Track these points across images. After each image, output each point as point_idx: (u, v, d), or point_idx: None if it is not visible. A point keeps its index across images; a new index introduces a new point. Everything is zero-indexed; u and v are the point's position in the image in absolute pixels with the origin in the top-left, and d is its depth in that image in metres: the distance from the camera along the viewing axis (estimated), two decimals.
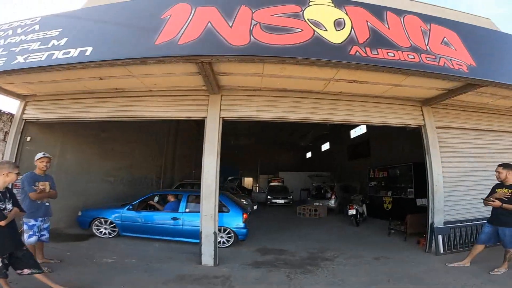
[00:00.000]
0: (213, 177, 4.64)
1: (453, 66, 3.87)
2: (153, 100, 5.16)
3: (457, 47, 4.13)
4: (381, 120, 5.36)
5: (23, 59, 4.02)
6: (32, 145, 5.93)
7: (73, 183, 7.19)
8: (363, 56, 3.54)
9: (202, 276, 3.91)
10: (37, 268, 3.03)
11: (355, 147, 14.46)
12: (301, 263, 4.66)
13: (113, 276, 3.75)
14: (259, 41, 3.49)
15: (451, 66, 3.86)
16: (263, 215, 10.77)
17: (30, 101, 5.67)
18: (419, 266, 4.42)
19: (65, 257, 4.43)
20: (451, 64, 3.87)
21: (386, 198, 9.40)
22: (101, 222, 5.93)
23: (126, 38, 3.88)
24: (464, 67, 3.94)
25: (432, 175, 5.23)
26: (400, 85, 4.59)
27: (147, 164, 10.91)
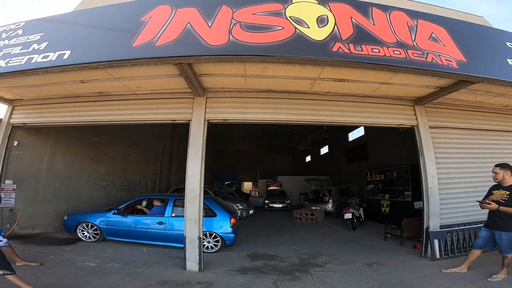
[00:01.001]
0: (197, 181, 4.52)
1: (442, 62, 3.72)
2: (138, 103, 5.09)
3: (446, 43, 3.98)
4: (373, 120, 5.22)
5: (4, 63, 3.99)
6: (20, 150, 5.91)
7: (64, 188, 7.16)
8: (346, 52, 3.42)
9: (184, 282, 3.78)
10: (9, 269, 3.01)
11: (353, 150, 14.27)
12: (291, 270, 4.49)
13: (92, 280, 3.68)
14: (238, 40, 3.40)
15: (439, 62, 3.71)
16: (259, 219, 10.62)
17: (17, 105, 5.63)
18: (414, 272, 4.22)
19: (48, 260, 4.38)
20: (440, 60, 3.73)
21: (384, 201, 9.20)
22: (86, 226, 5.84)
23: (105, 41, 3.82)
24: (454, 63, 3.79)
25: (427, 176, 5.04)
26: (389, 83, 4.46)
27: (142, 169, 10.83)
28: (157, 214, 5.71)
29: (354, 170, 13.67)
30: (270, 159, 26.02)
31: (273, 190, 16.25)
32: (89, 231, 5.81)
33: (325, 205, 11.45)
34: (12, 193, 5.66)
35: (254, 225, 9.19)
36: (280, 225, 9.35)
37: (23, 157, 5.99)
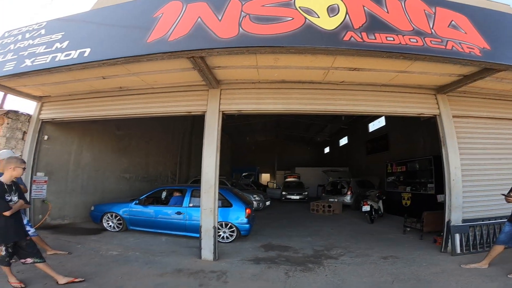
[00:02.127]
0: (213, 172, 4.63)
1: (463, 50, 3.52)
2: (155, 97, 5.25)
3: (468, 30, 3.76)
4: (391, 109, 5.04)
5: (30, 62, 4.27)
6: (50, 143, 6.31)
7: (90, 179, 7.57)
8: (359, 41, 3.32)
9: (199, 270, 3.92)
10: (39, 258, 3.19)
11: (374, 141, 13.86)
12: (303, 261, 4.52)
13: (113, 268, 3.89)
14: (248, 32, 3.41)
15: (460, 49, 3.52)
16: (275, 211, 10.69)
17: (45, 102, 6.01)
18: (430, 267, 4.09)
19: (75, 249, 4.66)
20: (461, 47, 3.53)
21: (405, 194, 8.89)
22: (111, 217, 6.15)
23: (121, 38, 3.98)
24: (477, 51, 3.58)
25: (449, 168, 4.82)
26: (407, 72, 4.27)
27: (162, 161, 11.21)
28: (176, 204, 5.91)
29: (375, 162, 13.31)
30: (288, 151, 25.93)
31: (291, 182, 16.22)
32: (114, 221, 6.12)
33: (343, 197, 11.28)
34: (43, 185, 6.06)
35: (270, 216, 9.27)
36: (296, 217, 9.36)
37: (52, 151, 6.40)
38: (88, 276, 3.50)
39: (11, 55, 4.50)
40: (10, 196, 3.03)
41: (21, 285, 3.12)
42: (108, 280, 3.45)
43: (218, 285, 3.48)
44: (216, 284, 3.49)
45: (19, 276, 3.22)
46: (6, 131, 5.51)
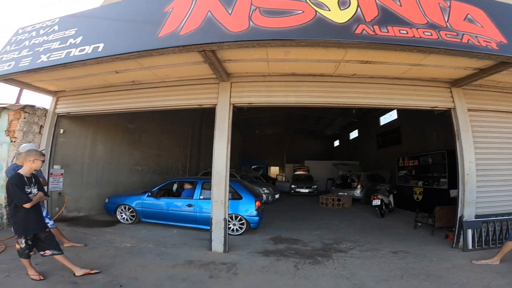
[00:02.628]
0: (224, 163, 4.69)
1: (480, 43, 3.44)
2: (167, 90, 5.31)
3: (484, 24, 3.65)
4: (403, 102, 4.95)
5: (46, 57, 4.37)
6: (65, 137, 6.50)
7: (105, 172, 7.77)
8: (371, 34, 3.26)
9: (209, 262, 4.01)
10: (57, 250, 3.25)
11: (385, 135, 13.64)
12: (312, 254, 4.56)
13: (128, 260, 4.00)
14: (258, 26, 3.39)
15: (476, 43, 3.43)
16: (284, 204, 10.75)
17: (60, 96, 6.17)
18: (441, 263, 4.07)
19: (91, 241, 4.80)
20: (477, 41, 3.44)
21: (416, 188, 8.76)
22: (124, 209, 6.31)
23: (133, 33, 4.03)
24: (493, 44, 3.48)
25: (463, 162, 4.73)
26: (421, 65, 4.18)
27: (173, 153, 11.40)
28: (187, 197, 6.01)
29: (386, 155, 13.14)
30: (297, 144, 25.84)
31: (300, 175, 16.20)
32: (127, 213, 6.27)
33: (353, 191, 11.20)
34: (60, 178, 6.25)
35: (279, 209, 9.34)
36: (305, 210, 9.38)
37: (68, 144, 6.58)
38: (103, 267, 3.60)
39: (27, 51, 4.61)
40: (30, 189, 3.08)
41: (40, 277, 3.18)
42: (123, 271, 3.55)
43: (228, 276, 3.55)
44: (226, 276, 3.56)
45: (38, 268, 3.31)
46: (23, 125, 5.70)
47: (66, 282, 3.12)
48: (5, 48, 4.91)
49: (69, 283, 3.10)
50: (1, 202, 5.49)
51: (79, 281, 3.16)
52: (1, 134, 5.71)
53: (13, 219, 3.08)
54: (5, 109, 5.75)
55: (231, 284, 3.32)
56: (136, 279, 3.32)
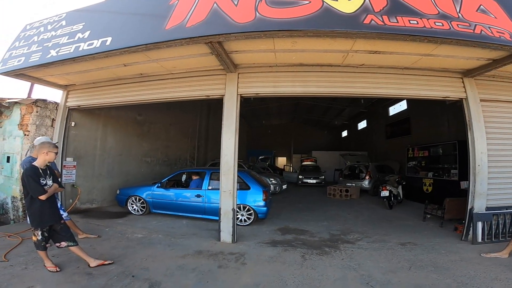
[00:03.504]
0: (232, 153, 4.73)
1: (493, 34, 3.35)
2: (175, 82, 5.34)
3: (498, 15, 3.54)
4: (414, 92, 4.85)
5: (55, 52, 4.43)
6: (77, 130, 6.63)
7: (115, 164, 7.92)
8: (380, 24, 3.19)
9: (218, 252, 4.10)
10: (73, 241, 3.31)
11: (394, 125, 13.41)
12: (320, 245, 4.60)
13: (139, 250, 4.10)
14: (265, 17, 3.35)
15: (489, 34, 3.34)
16: (292, 195, 10.81)
17: (71, 90, 6.26)
18: (449, 255, 4.05)
19: (103, 232, 4.93)
20: (490, 32, 3.35)
21: (426, 179, 8.65)
22: (135, 200, 6.44)
23: (140, 26, 4.03)
24: (507, 35, 3.39)
25: (475, 153, 4.64)
26: (432, 55, 4.09)
27: (181, 145, 11.52)
28: (195, 187, 6.09)
29: (395, 146, 12.95)
30: (304, 134, 25.72)
31: (307, 166, 16.15)
32: (137, 204, 6.41)
33: (361, 182, 11.14)
34: (73, 170, 6.40)
35: (287, 200, 9.40)
36: (313, 201, 9.42)
37: (80, 136, 6.72)
38: (116, 258, 3.69)
39: (36, 47, 4.67)
40: (45, 180, 3.11)
41: (56, 269, 3.25)
42: (134, 262, 3.64)
43: (236, 266, 3.62)
44: (235, 266, 3.64)
45: (54, 260, 3.40)
46: (36, 119, 5.84)
47: (81, 273, 3.21)
48: (14, 44, 4.98)
49: (84, 274, 3.19)
50: (16, 195, 5.68)
51: (93, 272, 3.25)
52: (14, 128, 5.87)
53: (29, 211, 3.13)
54: (17, 104, 5.90)
55: (239, 274, 3.39)
56: (147, 269, 3.42)
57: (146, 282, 3.07)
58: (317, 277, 3.33)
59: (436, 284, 3.13)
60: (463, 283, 3.15)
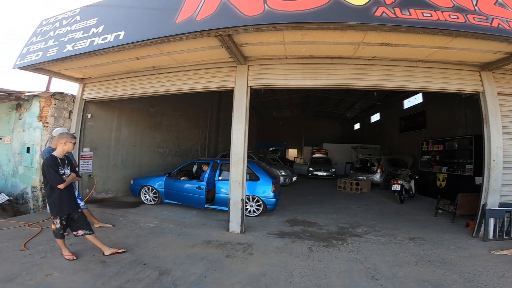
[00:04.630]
0: (242, 144, 4.80)
1: (511, 28, 3.22)
2: (186, 74, 5.41)
3: None
4: (428, 85, 4.72)
5: (71, 47, 4.57)
6: (93, 121, 6.85)
7: (129, 154, 8.15)
8: (391, 17, 3.12)
9: (226, 242, 4.21)
10: (89, 230, 3.45)
11: (409, 118, 13.08)
12: (327, 237, 4.65)
13: (150, 239, 4.25)
14: (274, 9, 3.33)
15: (507, 27, 3.23)
16: (301, 187, 10.84)
17: (87, 83, 6.46)
18: (458, 251, 4.02)
19: (117, 222, 5.10)
20: (508, 25, 3.24)
21: (440, 174, 8.46)
22: (148, 190, 6.63)
23: (152, 20, 4.09)
24: None
25: (490, 148, 4.53)
26: (447, 48, 3.97)
27: (192, 136, 11.69)
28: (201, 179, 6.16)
29: (408, 140, 12.69)
30: (316, 126, 25.48)
31: (318, 158, 16.05)
32: (150, 194, 6.59)
33: (372, 175, 11.01)
34: (89, 160, 6.65)
35: (296, 192, 9.44)
36: (322, 193, 9.43)
37: (96, 128, 6.95)
38: (129, 247, 3.83)
39: (52, 42, 4.83)
40: (63, 170, 3.20)
41: (73, 257, 3.36)
42: (146, 250, 3.77)
43: (244, 256, 3.72)
44: (242, 256, 3.73)
45: (71, 248, 3.52)
46: (54, 111, 6.07)
47: (96, 262, 3.35)
48: (31, 39, 5.16)
49: (99, 262, 3.33)
50: (36, 185, 5.95)
51: (107, 260, 3.38)
52: (34, 120, 6.13)
53: (49, 200, 3.28)
54: (36, 97, 6.14)
55: (247, 263, 3.49)
56: (158, 258, 3.55)
57: (156, 270, 3.20)
58: (322, 268, 3.39)
59: (441, 280, 3.13)
60: (469, 280, 3.13)
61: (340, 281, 3.08)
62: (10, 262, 3.19)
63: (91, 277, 2.96)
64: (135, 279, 2.95)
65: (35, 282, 2.77)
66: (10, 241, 3.85)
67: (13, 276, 2.87)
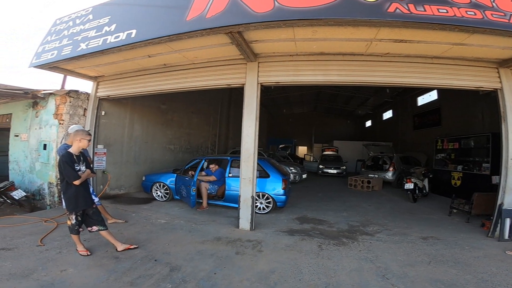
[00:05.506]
0: (252, 141, 4.80)
1: None
2: (197, 72, 5.45)
3: None
4: (444, 82, 4.59)
5: (85, 45, 4.67)
6: (107, 118, 7.00)
7: (142, 151, 8.30)
8: (405, 13, 3.04)
9: (236, 239, 4.24)
10: (103, 226, 3.50)
11: (423, 116, 12.79)
12: (338, 235, 4.61)
13: (162, 235, 4.30)
14: (284, 6, 3.30)
15: None
16: (311, 184, 10.77)
17: (100, 81, 6.60)
18: (473, 251, 3.91)
19: (130, 218, 5.19)
20: None
21: (455, 173, 8.22)
22: (159, 186, 6.73)
23: (163, 18, 4.13)
24: None
25: (508, 146, 4.38)
26: (464, 44, 3.84)
27: (203, 133, 11.80)
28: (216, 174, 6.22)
29: (422, 137, 12.41)
30: (326, 124, 25.24)
31: (328, 155, 15.91)
32: (161, 190, 6.69)
33: (384, 174, 10.82)
34: (103, 157, 6.80)
35: (306, 189, 9.40)
36: (332, 191, 9.35)
37: (109, 125, 7.09)
38: (141, 243, 3.88)
39: (67, 40, 4.94)
40: (79, 166, 3.26)
41: (87, 252, 3.41)
42: (158, 246, 3.82)
43: (253, 253, 3.73)
44: (251, 253, 3.75)
45: (85, 244, 3.58)
46: (69, 109, 6.24)
47: (109, 257, 3.40)
48: (46, 38, 5.30)
49: (112, 258, 3.39)
50: (52, 181, 6.13)
51: (120, 256, 3.44)
52: (50, 117, 6.32)
53: (65, 195, 3.34)
54: (52, 95, 6.32)
55: (256, 260, 3.50)
56: (168, 254, 3.60)
57: (167, 266, 3.25)
58: (332, 267, 3.37)
59: (454, 280, 3.06)
60: (483, 280, 3.06)
61: (350, 279, 3.06)
62: (26, 258, 3.28)
63: (104, 272, 3.01)
64: (146, 275, 3.00)
65: (50, 278, 2.82)
66: (27, 237, 3.96)
67: (29, 271, 2.93)
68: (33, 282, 2.73)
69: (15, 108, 7.22)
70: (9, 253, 3.39)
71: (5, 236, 3.95)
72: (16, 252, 3.43)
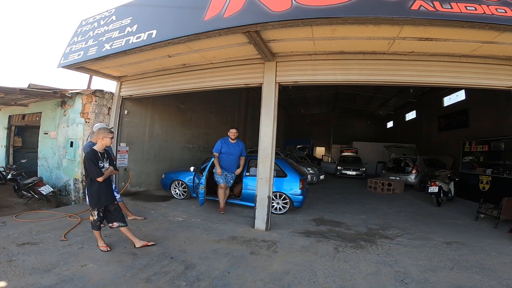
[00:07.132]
0: (270, 140, 4.79)
1: None
2: (215, 71, 5.51)
3: None
4: (473, 81, 4.33)
5: (109, 46, 4.86)
6: (129, 117, 7.25)
7: (161, 149, 8.52)
8: (430, 10, 2.90)
9: (251, 239, 4.23)
10: (123, 222, 3.57)
11: (449, 117, 12.17)
12: (355, 238, 4.50)
13: (179, 233, 4.35)
14: (302, 4, 3.25)
15: None
16: (329, 186, 10.58)
17: (123, 81, 6.84)
18: (499, 257, 3.68)
19: (149, 215, 5.29)
20: None
21: (484, 177, 7.76)
22: (178, 184, 6.86)
23: (181, 18, 4.22)
24: None
25: None
26: (495, 42, 3.61)
27: (221, 132, 11.85)
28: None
29: (449, 139, 11.84)
30: (345, 124, 24.69)
31: (347, 157, 15.52)
32: (179, 188, 6.82)
33: (406, 176, 10.41)
34: (125, 154, 7.03)
35: (324, 191, 9.24)
36: (351, 193, 9.13)
37: (131, 124, 7.33)
38: (158, 240, 3.94)
39: (92, 41, 5.16)
40: (103, 163, 3.34)
41: (107, 248, 3.49)
42: (174, 244, 3.88)
43: (268, 254, 3.70)
44: (266, 253, 3.72)
45: (106, 240, 3.67)
46: (95, 108, 6.53)
47: (127, 253, 3.47)
48: (73, 39, 5.56)
49: (130, 254, 3.45)
50: (78, 177, 6.42)
51: (137, 252, 3.50)
52: (77, 116, 6.64)
53: (89, 191, 3.47)
54: (79, 94, 6.64)
55: (270, 261, 3.48)
56: (184, 252, 3.64)
57: (182, 264, 3.29)
58: (348, 270, 3.29)
59: (478, 286, 2.90)
60: (509, 286, 2.88)
61: (366, 283, 2.97)
62: (50, 252, 3.39)
63: (121, 268, 3.08)
64: (162, 272, 3.05)
65: (70, 273, 2.88)
66: (52, 232, 4.12)
67: (51, 266, 3.02)
68: (54, 277, 2.79)
69: (45, 107, 7.65)
70: (34, 247, 3.52)
71: (31, 231, 4.12)
72: (40, 246, 3.57)
